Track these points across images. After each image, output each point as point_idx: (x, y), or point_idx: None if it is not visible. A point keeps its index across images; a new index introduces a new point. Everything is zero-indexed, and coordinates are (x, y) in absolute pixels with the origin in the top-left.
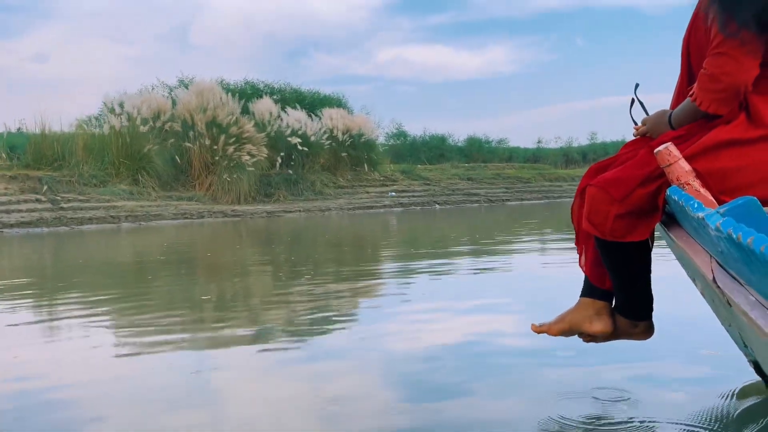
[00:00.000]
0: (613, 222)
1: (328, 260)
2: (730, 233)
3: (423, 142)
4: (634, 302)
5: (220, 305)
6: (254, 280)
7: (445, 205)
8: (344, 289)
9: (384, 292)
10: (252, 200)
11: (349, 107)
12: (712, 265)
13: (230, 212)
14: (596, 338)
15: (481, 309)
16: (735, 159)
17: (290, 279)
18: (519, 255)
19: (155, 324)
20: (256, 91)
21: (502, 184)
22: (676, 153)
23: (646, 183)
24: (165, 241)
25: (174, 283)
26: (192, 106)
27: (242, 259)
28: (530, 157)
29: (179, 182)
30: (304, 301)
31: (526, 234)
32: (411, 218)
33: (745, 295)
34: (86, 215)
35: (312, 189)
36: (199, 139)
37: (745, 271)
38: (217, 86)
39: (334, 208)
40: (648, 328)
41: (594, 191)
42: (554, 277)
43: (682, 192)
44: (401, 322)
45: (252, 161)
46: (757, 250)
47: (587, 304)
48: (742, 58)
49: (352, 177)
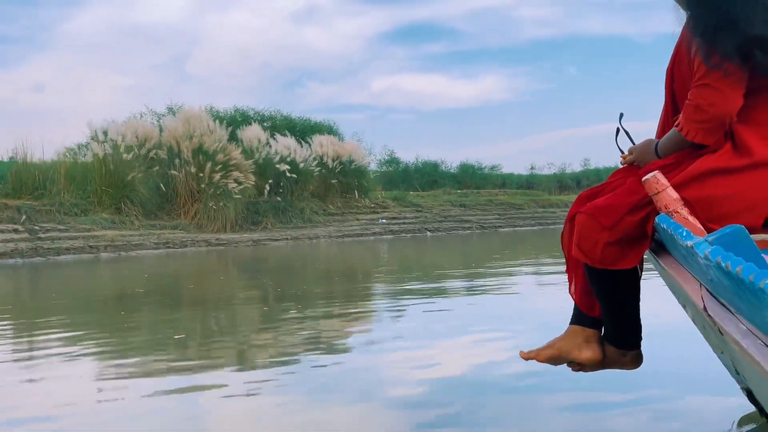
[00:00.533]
0: (602, 249)
1: (316, 292)
2: (719, 262)
3: (416, 168)
4: (623, 330)
5: (203, 341)
6: (239, 314)
7: (437, 232)
8: (334, 323)
9: (375, 324)
10: (239, 228)
11: (339, 134)
12: (702, 293)
13: (214, 241)
14: (585, 367)
15: (475, 339)
16: (722, 187)
17: (277, 312)
18: (512, 284)
19: (135, 365)
20: (246, 118)
21: (495, 210)
22: (663, 181)
23: (634, 210)
24: (144, 271)
25: (154, 318)
26: (178, 133)
27: (226, 291)
28: (524, 183)
29: (164, 211)
30: (292, 332)
31: (519, 262)
32: (401, 246)
33: (736, 324)
34: (63, 245)
35: (301, 216)
36: (185, 166)
37: (735, 299)
38: (204, 113)
39: (322, 236)
40: (637, 357)
41: (583, 219)
42: (548, 305)
43: (670, 220)
44: (394, 353)
45: (239, 189)
46: (746, 279)
47: (576, 331)
48: (726, 89)
49: (342, 204)
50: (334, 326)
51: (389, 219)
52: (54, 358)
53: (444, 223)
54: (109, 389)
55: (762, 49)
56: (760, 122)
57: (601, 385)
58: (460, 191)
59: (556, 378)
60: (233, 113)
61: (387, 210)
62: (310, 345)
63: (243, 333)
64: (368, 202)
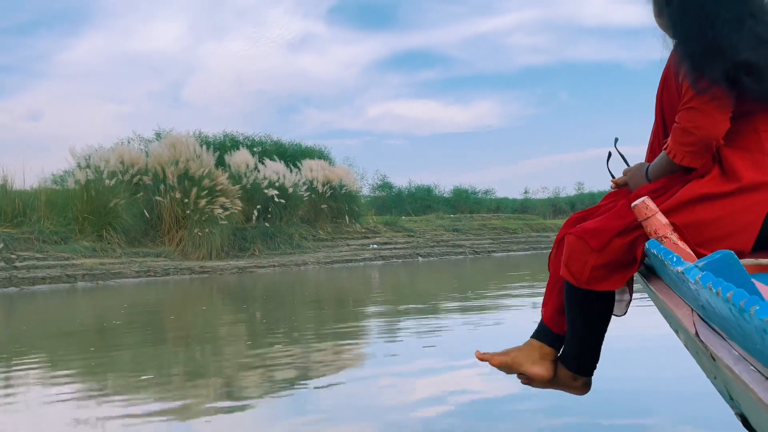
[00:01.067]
0: (590, 271)
1: (301, 323)
2: (710, 288)
3: (409, 193)
4: (583, 356)
5: (184, 379)
6: (222, 348)
7: (429, 258)
8: (321, 357)
9: (365, 356)
10: (225, 255)
11: (331, 159)
12: (694, 318)
13: (198, 269)
14: (533, 382)
15: (470, 369)
16: (711, 212)
17: (261, 346)
18: (505, 310)
19: (108, 408)
20: (235, 143)
21: (488, 235)
22: (653, 207)
23: (623, 234)
24: (123, 301)
25: (130, 353)
26: (164, 159)
27: (209, 323)
28: (518, 208)
29: (148, 237)
30: (280, 367)
31: (512, 287)
32: (391, 272)
33: (728, 350)
34: (39, 275)
35: (290, 242)
36: (170, 192)
37: (726, 325)
38: (191, 138)
39: (311, 262)
40: (586, 384)
41: (572, 240)
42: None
43: (660, 245)
44: (387, 382)
45: (225, 214)
46: (737, 305)
47: (535, 346)
48: (713, 112)
49: (333, 229)
50: (322, 360)
51: (380, 244)
52: (7, 399)
53: (436, 248)
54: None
55: (749, 74)
56: (748, 147)
57: (600, 409)
58: (453, 216)
59: (555, 402)
60: (222, 138)
61: (378, 235)
62: (296, 380)
63: (227, 369)
64: (359, 227)
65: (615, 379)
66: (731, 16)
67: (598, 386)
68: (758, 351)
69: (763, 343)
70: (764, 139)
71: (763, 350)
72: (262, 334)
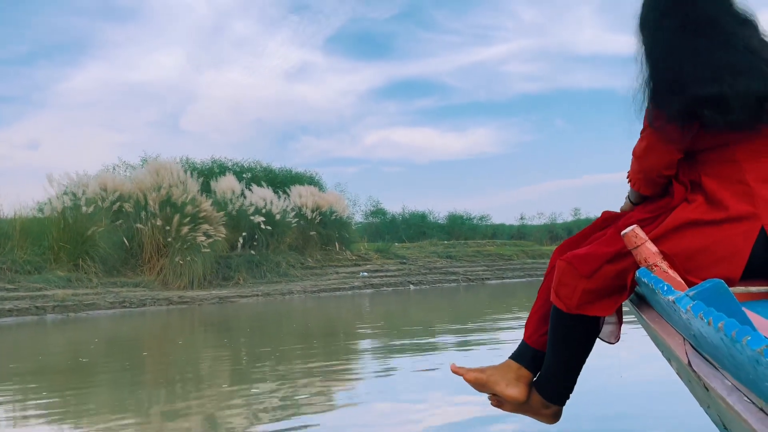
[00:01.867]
0: (580, 297)
1: (285, 358)
2: (701, 317)
3: (403, 219)
4: (559, 383)
5: (165, 420)
6: (201, 386)
7: (421, 285)
8: (307, 398)
9: (356, 394)
10: (208, 284)
11: (322, 185)
12: (686, 347)
13: (177, 299)
14: (504, 404)
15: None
16: (699, 239)
17: (244, 382)
18: (498, 344)
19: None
20: (224, 169)
21: (483, 261)
22: (642, 235)
23: (613, 261)
24: (94, 335)
25: (96, 397)
26: (146, 185)
27: (184, 359)
28: (515, 234)
29: (128, 266)
30: (261, 411)
31: (504, 317)
32: (379, 301)
33: (721, 380)
34: (6, 306)
35: (276, 271)
36: (151, 219)
37: (718, 355)
38: (175, 164)
39: (297, 291)
40: (556, 414)
41: (563, 265)
42: None
43: (650, 274)
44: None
45: (208, 242)
46: (729, 335)
47: (512, 366)
48: (662, 148)
49: (322, 257)
50: (309, 402)
51: (371, 272)
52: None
53: (429, 275)
54: None
55: (710, 108)
56: (728, 177)
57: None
58: (447, 242)
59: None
60: (210, 164)
61: (369, 262)
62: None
63: (206, 409)
64: (350, 255)
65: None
66: (692, 50)
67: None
68: (751, 381)
69: (756, 374)
70: (745, 168)
71: (755, 380)
72: (243, 372)
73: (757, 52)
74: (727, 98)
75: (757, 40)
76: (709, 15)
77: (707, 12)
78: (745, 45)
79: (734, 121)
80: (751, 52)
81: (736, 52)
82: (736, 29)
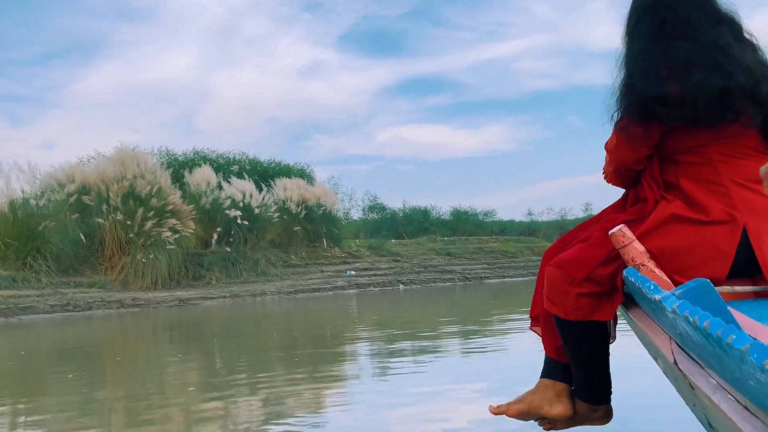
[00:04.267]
0: (574, 301)
1: (223, 379)
2: (687, 316)
3: (404, 215)
4: (593, 385)
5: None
6: (131, 410)
7: (411, 285)
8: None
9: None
10: (176, 284)
11: (312, 177)
12: (672, 346)
13: (130, 301)
14: (556, 424)
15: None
16: (684, 238)
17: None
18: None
19: None
20: (205, 161)
21: (484, 259)
22: (629, 235)
23: (605, 263)
24: (22, 345)
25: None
26: (108, 176)
27: (118, 376)
28: (524, 230)
29: (87, 265)
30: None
31: (498, 321)
32: (360, 303)
33: (706, 378)
34: None
35: (254, 269)
36: (113, 213)
37: (704, 354)
38: (143, 153)
39: (270, 293)
40: (607, 413)
41: (553, 271)
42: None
43: (638, 273)
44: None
45: (174, 238)
46: (714, 334)
47: (548, 385)
48: (626, 144)
49: (308, 254)
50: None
51: (360, 270)
52: None
53: (422, 273)
54: None
55: (663, 105)
56: (706, 178)
57: None
58: (447, 238)
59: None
60: (193, 156)
61: (360, 260)
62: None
63: None
64: (338, 252)
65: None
66: (662, 51)
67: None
68: (736, 380)
69: (741, 372)
70: (721, 170)
71: (740, 379)
72: (131, 412)
73: (726, 49)
74: (683, 94)
75: (732, 38)
76: (685, 17)
77: (683, 15)
78: (713, 42)
79: (691, 116)
80: (719, 49)
81: (700, 50)
82: (709, 29)
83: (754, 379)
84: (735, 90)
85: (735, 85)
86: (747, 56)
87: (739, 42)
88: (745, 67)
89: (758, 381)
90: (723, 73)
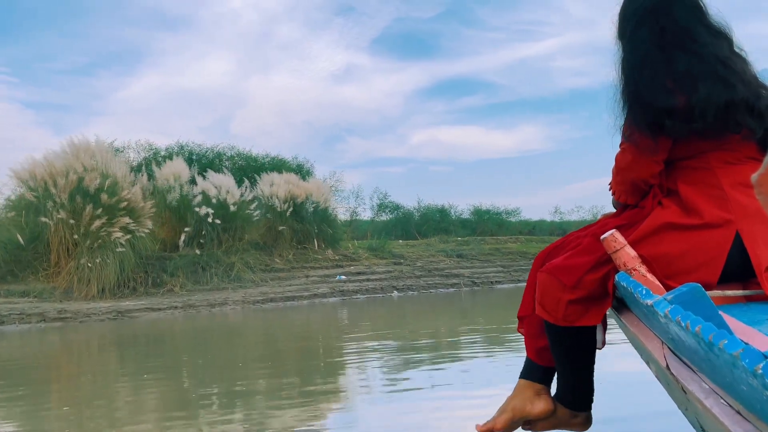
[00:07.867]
0: (566, 308)
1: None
2: (679, 321)
3: (419, 215)
4: (577, 391)
5: None
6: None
7: (408, 292)
8: None
9: None
10: (131, 292)
11: (310, 173)
12: (665, 351)
13: (54, 314)
14: (537, 424)
15: None
16: (677, 243)
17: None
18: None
19: None
20: (189, 155)
21: (499, 261)
22: (621, 239)
23: (595, 269)
24: None
25: None
26: (56, 169)
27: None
28: (555, 229)
29: (29, 270)
30: None
31: (467, 343)
32: (333, 315)
33: (698, 383)
34: None
35: (227, 275)
36: (55, 211)
37: (696, 358)
38: (103, 144)
39: (233, 302)
40: (587, 420)
41: (544, 277)
42: None
43: (630, 278)
44: None
45: (125, 239)
46: (706, 338)
47: (526, 385)
48: (639, 156)
49: (295, 257)
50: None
51: (352, 274)
52: None
53: (423, 278)
54: None
55: (672, 118)
56: (704, 184)
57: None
58: (461, 238)
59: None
60: (178, 150)
61: (356, 263)
62: None
63: None
64: (332, 254)
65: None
66: (664, 61)
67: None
68: (728, 384)
69: (732, 377)
70: (719, 175)
71: (732, 383)
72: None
73: (726, 62)
74: (690, 107)
75: (729, 51)
76: (684, 26)
77: (682, 23)
78: (715, 54)
79: (699, 128)
80: (721, 62)
81: (702, 62)
82: (708, 40)
83: (746, 383)
84: (738, 103)
85: (738, 98)
86: (744, 70)
87: (734, 55)
88: (744, 80)
89: (750, 385)
90: (726, 86)
